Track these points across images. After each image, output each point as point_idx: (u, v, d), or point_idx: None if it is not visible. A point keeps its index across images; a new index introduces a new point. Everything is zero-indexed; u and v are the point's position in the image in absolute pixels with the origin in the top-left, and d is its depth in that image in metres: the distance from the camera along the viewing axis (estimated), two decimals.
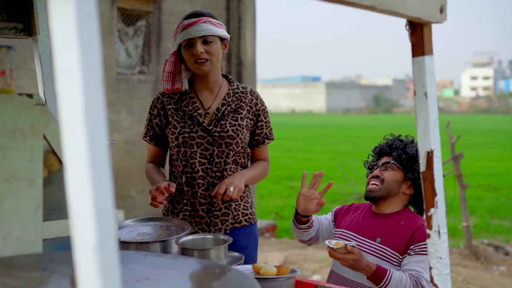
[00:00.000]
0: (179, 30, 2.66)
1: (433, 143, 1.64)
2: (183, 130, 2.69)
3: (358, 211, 2.82)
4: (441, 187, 1.67)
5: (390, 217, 2.68)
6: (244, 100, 2.77)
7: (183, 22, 2.65)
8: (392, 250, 2.58)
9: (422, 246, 2.52)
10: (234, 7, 8.94)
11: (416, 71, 1.64)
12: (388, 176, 2.67)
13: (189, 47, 2.64)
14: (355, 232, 2.71)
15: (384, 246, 2.60)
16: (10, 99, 1.55)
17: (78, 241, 0.85)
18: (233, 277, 1.53)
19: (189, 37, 2.61)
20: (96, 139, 0.86)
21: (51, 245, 1.65)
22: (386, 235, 2.62)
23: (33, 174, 1.59)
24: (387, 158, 2.74)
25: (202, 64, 2.64)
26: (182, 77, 2.73)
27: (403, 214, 2.68)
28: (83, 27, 0.85)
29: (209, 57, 2.65)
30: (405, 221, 2.64)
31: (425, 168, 1.67)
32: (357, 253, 2.44)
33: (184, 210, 2.72)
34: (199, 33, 2.61)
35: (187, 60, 2.67)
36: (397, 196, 2.69)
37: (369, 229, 2.68)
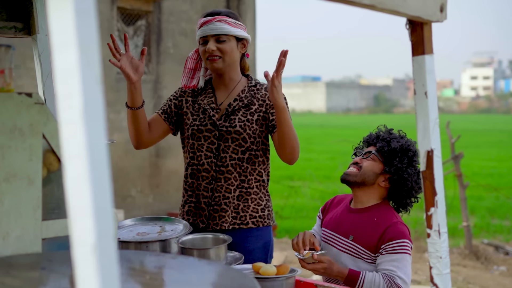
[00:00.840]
0: (198, 27, 2.76)
1: (433, 142, 1.64)
2: (194, 122, 2.76)
3: (338, 206, 2.81)
4: (441, 186, 1.67)
5: (364, 212, 2.66)
6: (257, 96, 2.78)
7: (200, 20, 2.75)
8: (364, 248, 2.56)
9: (394, 245, 2.49)
10: (234, 7, 8.94)
11: (416, 70, 1.64)
12: (367, 165, 2.67)
13: (204, 45, 2.74)
14: (332, 229, 2.70)
15: (356, 244, 2.58)
16: (9, 98, 1.54)
17: (76, 240, 0.85)
18: (232, 276, 1.52)
19: (203, 35, 2.72)
20: (95, 138, 0.85)
21: (50, 245, 1.64)
22: (358, 232, 2.60)
23: (32, 173, 1.59)
24: (372, 147, 2.74)
25: (214, 61, 2.72)
26: (200, 74, 2.83)
27: (377, 210, 2.65)
28: (82, 26, 0.85)
29: (222, 55, 2.72)
30: (378, 218, 2.61)
31: (425, 167, 1.66)
32: (326, 261, 2.45)
33: (189, 202, 2.78)
34: (212, 31, 2.70)
35: (202, 56, 2.77)
36: (372, 187, 2.66)
37: (343, 225, 2.66)
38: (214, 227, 2.72)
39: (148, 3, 8.19)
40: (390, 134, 2.75)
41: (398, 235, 2.51)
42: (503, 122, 53.06)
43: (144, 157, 8.20)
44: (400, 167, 2.61)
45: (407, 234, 2.54)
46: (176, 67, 8.50)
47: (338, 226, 2.69)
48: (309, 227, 9.75)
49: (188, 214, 2.76)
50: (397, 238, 2.50)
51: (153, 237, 2.25)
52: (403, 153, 2.65)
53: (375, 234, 2.55)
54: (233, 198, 2.73)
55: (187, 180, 2.79)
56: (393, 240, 2.49)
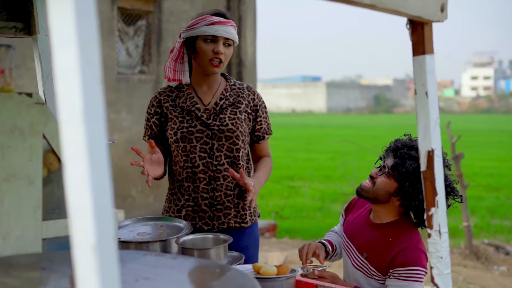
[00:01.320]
0: (203, 22, 2.64)
1: (433, 142, 1.64)
2: (182, 125, 2.69)
3: (361, 210, 2.74)
4: (441, 186, 1.67)
5: (381, 229, 2.55)
6: (242, 95, 2.78)
7: (211, 17, 2.64)
8: (374, 269, 2.49)
9: (402, 272, 2.39)
10: (234, 7, 8.93)
11: (416, 70, 1.64)
12: (380, 183, 2.51)
13: (210, 43, 2.66)
14: (350, 238, 2.65)
15: (368, 263, 2.52)
16: (9, 98, 1.54)
17: (77, 240, 0.84)
18: (233, 276, 1.52)
19: (215, 34, 2.63)
20: (95, 137, 0.85)
21: (50, 245, 1.64)
22: (371, 252, 2.52)
23: (32, 173, 1.59)
24: (390, 161, 2.53)
25: (217, 66, 2.67)
26: (184, 69, 2.76)
27: (395, 228, 2.52)
28: (82, 25, 0.85)
29: (224, 60, 2.68)
30: (393, 238, 2.48)
31: (426, 167, 1.66)
32: (329, 276, 2.42)
33: (186, 206, 2.72)
34: (226, 34, 2.64)
35: (203, 54, 2.67)
36: (387, 204, 2.53)
37: (360, 239, 2.59)
38: (221, 226, 2.71)
39: (149, 3, 8.19)
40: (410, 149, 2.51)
41: (409, 262, 2.39)
42: (503, 122, 53.05)
43: None
44: (411, 192, 2.43)
45: (420, 261, 2.40)
46: None
47: (355, 236, 2.62)
48: (309, 227, 9.72)
49: (186, 219, 2.71)
50: (407, 265, 2.39)
51: (154, 237, 2.25)
52: (417, 175, 2.41)
53: (387, 257, 2.45)
54: (234, 196, 2.73)
55: (181, 184, 2.73)
56: (403, 267, 2.39)
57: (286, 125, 42.18)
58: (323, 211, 9.87)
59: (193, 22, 2.68)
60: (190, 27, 2.68)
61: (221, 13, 2.71)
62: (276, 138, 27.22)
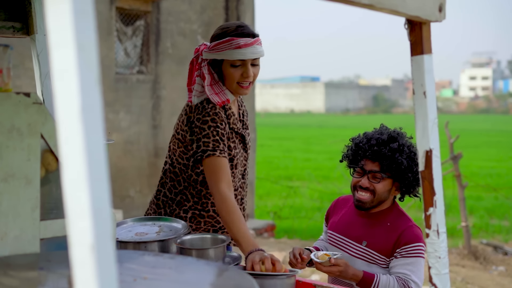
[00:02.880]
0: (230, 46, 2.47)
1: (432, 142, 1.64)
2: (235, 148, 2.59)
3: (345, 207, 2.76)
4: (440, 186, 1.67)
5: (376, 217, 2.63)
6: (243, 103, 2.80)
7: (237, 39, 2.47)
8: (379, 254, 2.54)
9: (409, 249, 2.48)
10: (233, 7, 8.94)
11: (415, 70, 1.64)
12: (380, 188, 2.56)
13: (237, 67, 2.51)
14: (341, 233, 2.67)
15: (371, 250, 2.56)
16: (7, 98, 1.54)
17: (74, 240, 0.84)
18: (231, 276, 1.52)
19: (243, 58, 2.47)
20: (93, 137, 0.85)
21: (48, 245, 1.64)
22: (372, 238, 2.58)
23: (30, 173, 1.58)
24: (373, 164, 2.57)
25: (247, 88, 2.56)
26: (223, 88, 2.55)
27: (389, 214, 2.62)
28: (79, 25, 0.84)
29: (253, 80, 2.57)
30: (391, 222, 2.58)
31: (424, 167, 1.66)
32: (343, 264, 2.44)
33: (194, 208, 2.62)
34: (253, 55, 2.49)
35: (230, 78, 2.53)
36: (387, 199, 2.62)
37: (355, 230, 2.63)
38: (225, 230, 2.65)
39: (147, 3, 8.18)
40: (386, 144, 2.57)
41: (413, 239, 2.49)
42: (502, 122, 53.08)
43: (143, 157, 8.20)
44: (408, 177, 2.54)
45: (421, 237, 2.51)
46: (174, 67, 8.50)
47: (348, 229, 2.66)
48: (307, 227, 9.73)
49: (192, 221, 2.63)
50: (412, 242, 2.49)
51: (152, 237, 2.25)
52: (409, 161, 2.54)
53: (390, 239, 2.53)
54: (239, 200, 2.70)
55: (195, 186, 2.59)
56: (409, 244, 2.48)
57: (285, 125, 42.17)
58: (322, 211, 9.87)
59: (217, 44, 2.50)
60: (214, 49, 2.51)
61: (246, 32, 2.51)
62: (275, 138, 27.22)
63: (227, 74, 2.53)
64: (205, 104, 2.51)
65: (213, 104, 2.50)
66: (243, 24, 2.56)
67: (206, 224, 2.62)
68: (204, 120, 2.47)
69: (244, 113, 2.74)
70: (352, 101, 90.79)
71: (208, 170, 2.43)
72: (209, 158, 2.43)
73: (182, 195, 2.61)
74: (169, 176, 2.65)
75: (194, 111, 2.53)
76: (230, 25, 2.54)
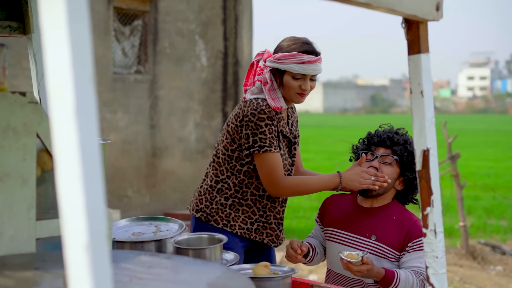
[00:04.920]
0: (295, 60, 2.66)
1: (429, 141, 1.64)
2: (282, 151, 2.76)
3: (341, 205, 2.77)
4: (437, 186, 1.66)
5: (379, 212, 2.65)
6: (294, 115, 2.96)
7: (302, 56, 2.66)
8: (389, 247, 2.57)
9: (420, 243, 2.50)
10: (230, 7, 8.93)
11: (412, 69, 1.64)
12: (388, 173, 2.63)
13: (297, 80, 2.70)
14: (345, 230, 2.68)
15: (381, 244, 2.58)
16: (2, 97, 1.53)
17: (69, 240, 0.84)
18: (228, 276, 1.52)
19: (304, 73, 2.67)
20: (87, 137, 0.84)
21: (44, 245, 1.63)
22: (381, 232, 2.60)
23: (26, 173, 1.58)
24: (385, 150, 2.68)
25: (302, 97, 2.74)
26: (279, 95, 2.73)
27: (392, 209, 2.66)
28: (74, 24, 0.84)
29: (309, 92, 2.76)
30: (396, 217, 2.62)
31: (421, 166, 1.66)
32: (371, 262, 2.44)
33: (259, 221, 2.79)
34: (314, 72, 2.69)
35: (290, 88, 2.71)
36: (389, 191, 2.67)
37: (360, 225, 2.65)
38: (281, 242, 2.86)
39: (145, 3, 8.18)
40: (400, 135, 2.71)
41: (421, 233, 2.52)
42: (499, 122, 53.15)
43: (141, 157, 8.19)
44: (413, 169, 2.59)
45: None
46: (172, 67, 8.49)
47: (351, 225, 2.67)
48: (305, 227, 9.73)
49: (256, 233, 2.79)
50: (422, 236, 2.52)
51: (148, 237, 2.24)
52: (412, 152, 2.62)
53: (400, 233, 2.57)
54: None
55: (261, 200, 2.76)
56: (420, 238, 2.51)
57: None
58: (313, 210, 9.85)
59: (283, 56, 2.68)
60: (279, 60, 2.69)
61: (310, 50, 2.70)
62: None
63: (287, 84, 2.71)
64: (260, 102, 2.69)
65: (266, 102, 2.69)
66: (310, 41, 2.76)
67: (243, 213, 2.76)
68: (261, 117, 2.66)
69: (293, 123, 2.92)
70: (350, 101, 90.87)
71: (264, 164, 2.66)
72: (266, 153, 2.65)
73: (223, 183, 2.78)
74: (212, 166, 2.83)
75: (248, 105, 2.70)
76: (297, 41, 2.74)
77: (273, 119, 2.68)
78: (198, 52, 8.73)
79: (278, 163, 2.67)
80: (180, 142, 8.53)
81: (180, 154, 8.48)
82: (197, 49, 8.73)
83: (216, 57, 8.90)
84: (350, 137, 27.48)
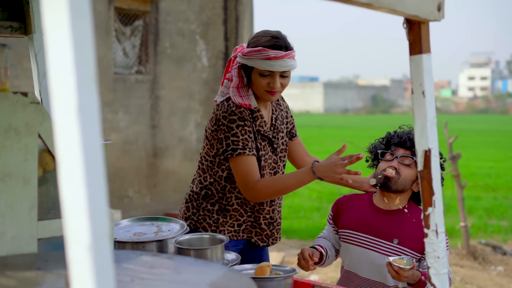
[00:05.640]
0: (260, 56, 2.54)
1: (430, 141, 1.64)
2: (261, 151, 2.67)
3: (356, 205, 2.75)
4: (438, 186, 1.66)
5: (398, 215, 2.64)
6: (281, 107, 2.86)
7: (267, 51, 2.53)
8: (411, 250, 2.57)
9: None
10: (231, 7, 8.93)
11: (413, 70, 1.63)
12: (408, 174, 2.61)
13: (265, 77, 2.58)
14: (365, 232, 2.66)
15: (403, 247, 2.58)
16: (4, 97, 1.53)
17: (71, 240, 0.84)
18: (229, 277, 1.52)
19: (271, 69, 2.55)
20: (90, 137, 0.84)
21: (46, 245, 1.63)
22: (402, 235, 2.59)
23: (28, 173, 1.58)
24: (405, 151, 2.65)
25: (273, 94, 2.62)
26: (249, 93, 2.64)
27: (410, 211, 2.65)
28: (76, 24, 0.84)
29: (281, 90, 2.64)
30: (416, 219, 2.61)
31: (423, 167, 1.66)
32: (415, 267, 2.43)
33: (247, 221, 2.75)
34: (282, 68, 2.56)
35: (258, 86, 2.61)
36: (406, 193, 2.65)
37: (381, 228, 2.63)
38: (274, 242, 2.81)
39: (145, 3, 8.18)
40: None
41: None
42: (500, 122, 53.13)
43: (142, 157, 8.19)
44: None
45: None
46: (173, 67, 8.49)
47: (372, 228, 2.65)
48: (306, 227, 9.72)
49: (244, 232, 2.75)
50: None
51: (150, 237, 2.24)
52: None
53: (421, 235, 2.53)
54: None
55: (248, 203, 2.70)
56: None
57: None
58: (320, 211, 9.86)
59: (249, 51, 2.57)
60: (246, 56, 2.59)
61: (278, 44, 2.57)
62: None
63: (255, 81, 2.62)
64: (230, 103, 2.60)
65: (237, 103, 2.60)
66: (279, 35, 2.61)
67: (231, 218, 2.71)
68: (232, 119, 2.57)
69: (277, 118, 2.79)
70: (351, 101, 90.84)
71: (238, 168, 2.57)
72: (239, 156, 2.55)
73: (207, 190, 2.72)
74: (198, 172, 2.78)
75: (220, 108, 2.61)
76: (265, 34, 2.61)
77: (245, 119, 2.57)
78: (199, 52, 8.73)
79: (252, 166, 2.56)
80: (181, 142, 8.53)
81: (181, 154, 8.48)
82: (198, 49, 8.73)
83: (217, 57, 8.90)
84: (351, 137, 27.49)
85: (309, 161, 2.92)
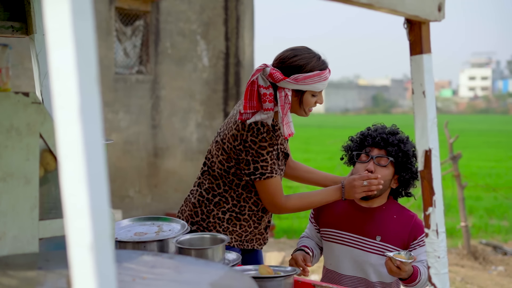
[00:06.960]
0: (319, 79, 2.56)
1: (431, 142, 1.64)
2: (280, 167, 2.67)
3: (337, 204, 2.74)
4: (439, 186, 1.67)
5: (380, 212, 2.66)
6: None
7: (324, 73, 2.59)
8: (394, 247, 2.59)
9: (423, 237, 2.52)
10: (232, 7, 8.93)
11: (414, 70, 1.64)
12: (384, 175, 2.60)
13: (315, 96, 2.62)
14: (347, 230, 2.67)
15: (386, 244, 2.60)
16: (6, 97, 1.54)
17: (73, 240, 0.84)
18: (230, 276, 1.52)
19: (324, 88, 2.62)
20: (91, 137, 0.85)
21: (47, 245, 1.64)
22: (385, 232, 2.61)
23: (29, 173, 1.58)
24: (379, 151, 2.65)
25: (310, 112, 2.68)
26: (290, 119, 2.60)
27: (390, 207, 2.68)
28: (78, 25, 0.84)
29: None
30: (397, 215, 2.65)
31: (423, 167, 1.66)
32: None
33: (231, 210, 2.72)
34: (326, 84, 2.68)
35: (306, 105, 2.62)
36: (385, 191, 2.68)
37: (363, 226, 2.65)
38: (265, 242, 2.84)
39: (146, 3, 8.18)
40: (392, 134, 2.69)
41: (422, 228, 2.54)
42: (501, 122, 53.11)
43: (142, 157, 8.19)
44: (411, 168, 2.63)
45: None
46: (174, 67, 8.50)
47: (355, 226, 2.66)
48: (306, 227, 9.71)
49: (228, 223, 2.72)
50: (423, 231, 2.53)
51: (151, 237, 2.25)
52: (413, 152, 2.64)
53: (403, 231, 2.61)
54: None
55: (257, 213, 2.72)
56: (422, 233, 2.54)
57: None
58: None
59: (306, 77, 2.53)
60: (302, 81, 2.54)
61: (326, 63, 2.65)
62: None
63: (305, 102, 2.61)
64: (260, 127, 2.53)
65: (267, 127, 2.53)
66: (319, 53, 2.64)
67: (241, 227, 2.71)
68: (262, 145, 2.53)
69: None
70: (352, 101, 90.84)
71: (265, 189, 2.60)
72: (267, 179, 2.57)
73: (221, 197, 2.69)
74: (207, 178, 2.71)
75: (248, 130, 2.54)
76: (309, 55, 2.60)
77: (274, 144, 2.57)
78: (199, 52, 8.74)
79: (279, 186, 2.62)
80: (182, 142, 8.53)
81: (181, 154, 8.48)
82: (199, 49, 8.73)
83: (218, 57, 8.91)
84: None
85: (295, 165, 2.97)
